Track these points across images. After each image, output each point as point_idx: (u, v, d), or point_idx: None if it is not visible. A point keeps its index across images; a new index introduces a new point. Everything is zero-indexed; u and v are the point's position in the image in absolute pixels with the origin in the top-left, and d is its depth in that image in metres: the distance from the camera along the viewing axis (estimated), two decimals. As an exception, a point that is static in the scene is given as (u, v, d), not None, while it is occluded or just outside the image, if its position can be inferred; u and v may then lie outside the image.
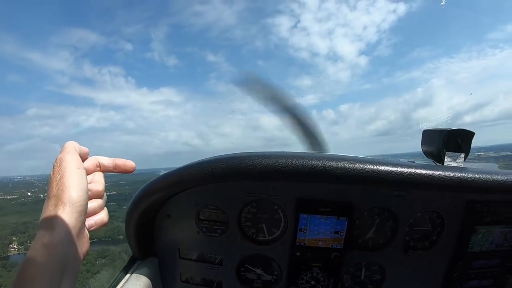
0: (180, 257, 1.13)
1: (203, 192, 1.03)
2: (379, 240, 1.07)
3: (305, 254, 1.05)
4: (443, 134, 1.04)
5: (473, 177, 0.90)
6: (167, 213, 1.08)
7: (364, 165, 0.86)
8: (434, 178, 0.88)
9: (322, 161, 0.85)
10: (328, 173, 0.85)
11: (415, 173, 0.87)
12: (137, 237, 1.08)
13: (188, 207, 1.06)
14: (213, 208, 1.06)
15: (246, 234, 1.07)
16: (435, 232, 1.08)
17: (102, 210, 0.66)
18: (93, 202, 0.63)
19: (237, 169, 0.88)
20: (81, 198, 0.54)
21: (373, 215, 1.05)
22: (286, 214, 1.04)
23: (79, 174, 0.56)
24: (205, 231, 1.08)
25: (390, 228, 1.06)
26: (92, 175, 0.66)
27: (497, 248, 1.09)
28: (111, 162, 0.68)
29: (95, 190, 0.63)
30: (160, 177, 0.97)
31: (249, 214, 1.06)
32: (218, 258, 1.12)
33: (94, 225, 0.62)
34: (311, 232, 1.02)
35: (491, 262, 1.12)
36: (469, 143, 1.06)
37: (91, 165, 0.66)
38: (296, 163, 0.85)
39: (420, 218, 1.06)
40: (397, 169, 0.86)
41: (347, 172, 0.85)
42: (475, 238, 1.06)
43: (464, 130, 1.05)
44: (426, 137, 1.13)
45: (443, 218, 1.06)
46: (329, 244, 1.03)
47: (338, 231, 1.02)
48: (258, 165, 0.86)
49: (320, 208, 1.00)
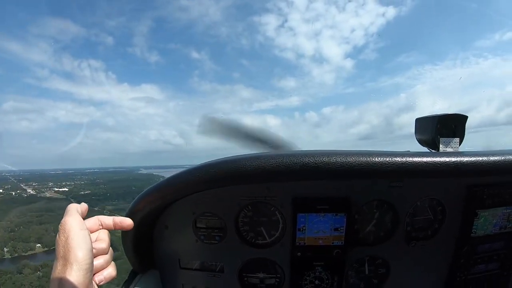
0: (181, 268, 1.12)
1: (199, 200, 1.01)
2: (380, 233, 1.06)
3: (306, 254, 1.03)
4: (436, 120, 1.02)
5: (470, 160, 0.88)
6: (164, 224, 1.07)
7: (357, 157, 0.84)
8: (430, 165, 0.86)
9: (314, 157, 0.83)
10: (320, 169, 0.83)
11: (410, 161, 0.85)
12: (136, 250, 1.06)
13: (185, 216, 1.05)
14: (210, 215, 1.04)
15: (245, 239, 1.05)
16: (437, 220, 1.06)
17: (110, 264, 0.72)
18: (100, 259, 0.70)
19: (228, 173, 0.87)
20: (86, 257, 0.60)
21: (372, 208, 1.03)
22: (283, 215, 1.02)
23: (83, 235, 0.63)
24: (203, 239, 1.06)
25: (391, 220, 1.04)
26: (97, 233, 0.73)
27: (501, 230, 1.07)
28: (111, 220, 0.76)
29: (99, 248, 0.70)
30: (152, 188, 0.96)
31: (246, 218, 1.04)
32: (219, 266, 1.10)
33: (103, 279, 0.69)
34: (310, 231, 1.00)
35: (496, 245, 1.10)
36: (463, 127, 1.05)
37: (93, 224, 0.73)
38: (287, 161, 0.83)
39: (420, 207, 1.04)
40: (392, 159, 0.84)
41: (340, 166, 0.83)
42: (477, 222, 1.03)
43: (457, 114, 1.03)
44: (419, 125, 1.11)
45: (443, 205, 1.04)
46: (329, 242, 1.01)
47: (338, 228, 1.00)
48: (249, 167, 0.85)
49: (318, 206, 0.98)
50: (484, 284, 1.15)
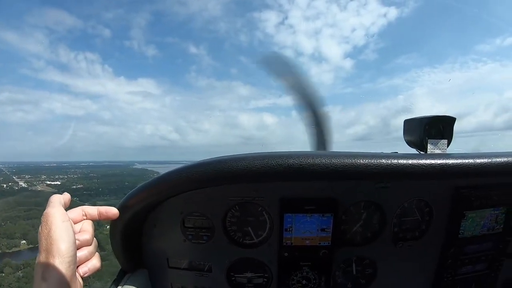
0: (170, 267, 1.12)
1: (187, 200, 1.01)
2: (367, 234, 1.06)
3: (293, 254, 1.03)
4: (424, 121, 1.02)
5: (456, 163, 0.88)
6: (152, 223, 1.07)
7: (342, 159, 0.84)
8: (415, 167, 0.86)
9: (299, 159, 0.84)
10: (305, 171, 0.83)
11: (396, 163, 0.85)
12: (124, 249, 1.06)
13: (173, 215, 1.05)
14: (198, 215, 1.04)
15: (232, 239, 1.06)
16: (424, 221, 1.07)
17: (94, 256, 0.72)
18: (84, 250, 0.69)
19: (213, 174, 0.87)
20: (69, 249, 0.60)
21: (359, 209, 1.03)
22: (270, 215, 1.02)
23: (65, 227, 0.62)
24: (191, 238, 1.06)
25: (378, 221, 1.05)
26: (81, 224, 0.72)
27: (488, 231, 1.08)
28: (95, 210, 0.75)
29: (83, 239, 0.69)
30: (140, 187, 0.96)
31: (234, 218, 1.04)
32: (207, 265, 1.10)
33: (87, 271, 0.69)
34: (297, 231, 1.00)
35: (484, 246, 1.11)
36: (451, 129, 1.05)
37: (77, 215, 0.72)
38: (272, 163, 0.84)
39: (408, 208, 1.05)
40: (377, 161, 0.85)
41: (325, 168, 0.83)
42: (465, 223, 1.04)
43: (445, 116, 1.03)
44: (407, 127, 1.11)
45: (431, 207, 1.05)
46: (316, 242, 1.02)
47: (325, 228, 1.00)
48: (234, 168, 0.85)
49: (305, 207, 0.98)
50: (471, 285, 1.16)
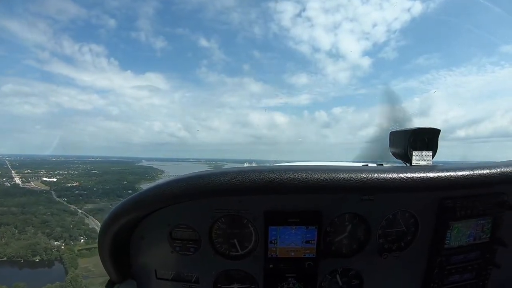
0: (157, 278, 1.13)
1: (174, 212, 1.03)
2: (352, 246, 1.07)
3: (279, 266, 1.04)
4: (408, 134, 1.03)
5: (437, 176, 0.88)
6: (140, 235, 1.08)
7: (322, 174, 0.85)
8: (397, 181, 0.86)
9: (279, 173, 0.85)
10: (285, 185, 0.85)
11: (376, 177, 0.86)
12: (113, 260, 1.08)
13: (161, 227, 1.06)
14: (185, 227, 1.06)
15: (218, 251, 1.07)
16: (410, 232, 1.07)
17: None
18: None
19: (196, 188, 0.89)
20: None
21: (344, 221, 1.04)
22: (256, 227, 1.03)
23: None
24: (178, 250, 1.08)
25: (363, 232, 1.05)
26: None
27: (475, 241, 1.09)
28: None
29: None
30: (126, 200, 0.98)
31: (220, 230, 1.05)
32: (194, 277, 1.11)
33: None
34: (282, 243, 1.01)
35: (471, 256, 1.12)
36: (436, 141, 1.05)
37: None
38: (253, 177, 0.86)
39: (393, 220, 1.05)
40: (357, 175, 0.86)
41: (305, 182, 0.85)
42: (451, 234, 1.05)
43: (429, 128, 1.04)
44: (393, 139, 1.12)
45: (416, 218, 1.05)
46: (301, 254, 1.03)
47: (309, 240, 1.01)
48: (216, 182, 0.87)
49: (289, 219, 0.99)
50: None
